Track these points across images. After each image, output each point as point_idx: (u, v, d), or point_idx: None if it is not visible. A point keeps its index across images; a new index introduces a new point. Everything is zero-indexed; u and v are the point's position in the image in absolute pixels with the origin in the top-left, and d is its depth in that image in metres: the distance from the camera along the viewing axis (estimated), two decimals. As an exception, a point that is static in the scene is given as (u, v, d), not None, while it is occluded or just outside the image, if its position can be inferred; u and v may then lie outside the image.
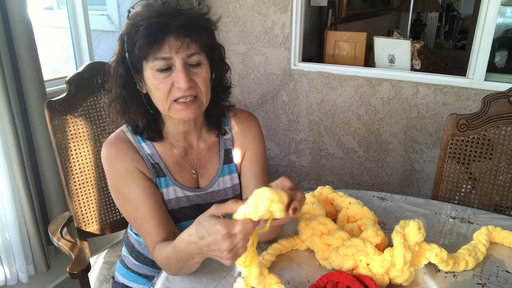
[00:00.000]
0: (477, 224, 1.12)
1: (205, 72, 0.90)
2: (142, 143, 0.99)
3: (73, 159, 1.33)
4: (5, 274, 1.68)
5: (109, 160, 0.96)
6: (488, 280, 0.88)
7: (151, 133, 0.99)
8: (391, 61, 2.18)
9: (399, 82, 2.09)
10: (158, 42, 0.84)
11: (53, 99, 1.28)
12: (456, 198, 1.42)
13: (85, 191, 1.36)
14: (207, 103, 0.94)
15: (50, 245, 1.76)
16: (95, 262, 1.41)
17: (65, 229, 1.35)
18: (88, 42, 1.99)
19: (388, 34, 3.80)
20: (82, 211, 1.36)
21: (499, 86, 1.85)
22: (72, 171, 1.33)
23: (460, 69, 3.10)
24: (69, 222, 1.39)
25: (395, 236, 0.84)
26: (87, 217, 1.38)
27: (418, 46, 2.14)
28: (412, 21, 3.74)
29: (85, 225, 1.38)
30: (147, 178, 0.97)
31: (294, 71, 2.34)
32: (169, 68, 0.86)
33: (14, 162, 1.58)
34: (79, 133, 1.34)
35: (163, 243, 0.90)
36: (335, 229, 0.92)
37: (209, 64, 0.92)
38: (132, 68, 0.90)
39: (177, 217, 1.02)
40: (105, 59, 1.08)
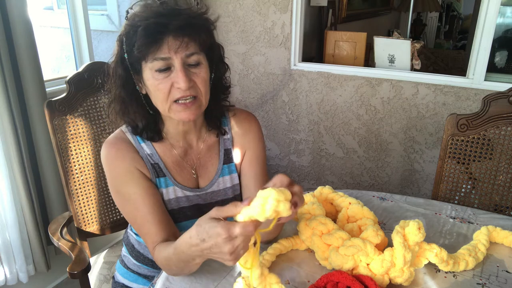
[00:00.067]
0: (477, 224, 1.12)
1: (204, 72, 0.90)
2: (142, 143, 0.99)
3: (73, 159, 1.33)
4: (5, 274, 1.68)
5: (109, 160, 0.96)
6: (488, 280, 0.88)
7: (151, 133, 0.99)
8: (391, 61, 2.18)
9: (399, 82, 2.09)
10: (157, 42, 0.83)
11: (53, 99, 1.28)
12: (456, 198, 1.42)
13: (85, 191, 1.36)
14: (206, 103, 0.94)
15: (50, 245, 1.76)
16: (95, 262, 1.41)
17: (65, 229, 1.35)
18: (88, 42, 1.99)
19: (388, 34, 3.80)
20: (82, 211, 1.37)
21: (499, 86, 1.85)
22: (72, 171, 1.33)
23: (460, 69, 3.10)
24: (69, 222, 1.39)
25: (395, 236, 0.84)
26: (87, 217, 1.38)
27: (418, 46, 2.14)
28: (412, 21, 3.74)
29: (85, 225, 1.38)
30: (147, 178, 0.97)
31: (294, 71, 2.34)
32: (168, 69, 0.86)
33: (14, 162, 1.58)
34: (79, 133, 1.34)
35: (164, 243, 0.90)
36: (335, 229, 0.92)
37: (208, 64, 0.92)
38: (131, 68, 0.90)
39: (177, 217, 1.02)
40: (105, 59, 1.08)
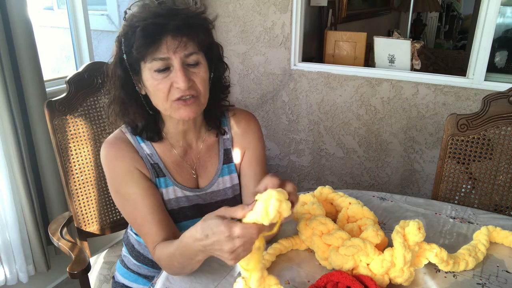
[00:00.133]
0: (477, 224, 1.12)
1: (203, 71, 0.90)
2: (142, 143, 0.99)
3: (73, 159, 1.33)
4: (5, 274, 1.68)
5: (108, 160, 0.96)
6: (488, 280, 0.88)
7: (151, 133, 0.99)
8: (391, 61, 2.18)
9: (399, 82, 2.09)
10: (155, 42, 0.83)
11: (53, 99, 1.28)
12: (456, 198, 1.42)
13: (85, 191, 1.36)
14: (205, 103, 0.94)
15: (50, 245, 1.76)
16: (95, 262, 1.41)
17: (65, 229, 1.35)
18: (88, 42, 1.99)
19: (388, 34, 3.80)
20: (82, 211, 1.37)
21: (499, 86, 1.85)
22: (72, 171, 1.33)
23: (460, 69, 3.10)
24: (69, 222, 1.39)
25: (395, 236, 0.84)
26: (87, 217, 1.38)
27: (418, 46, 2.14)
28: (412, 21, 3.74)
29: (85, 225, 1.38)
30: (146, 178, 0.97)
31: (294, 71, 2.34)
32: (167, 69, 0.86)
33: (14, 162, 1.58)
34: (79, 133, 1.34)
35: (165, 242, 0.90)
36: (335, 229, 0.92)
37: (207, 63, 0.92)
38: (130, 69, 0.90)
39: (177, 217, 1.01)
40: (105, 59, 1.08)
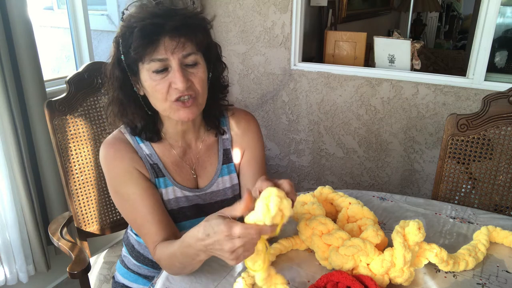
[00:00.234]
0: (477, 224, 1.12)
1: (202, 71, 0.90)
2: (141, 143, 0.99)
3: (73, 159, 1.33)
4: (5, 274, 1.68)
5: (107, 160, 0.96)
6: (488, 280, 0.88)
7: (149, 134, 0.99)
8: (391, 61, 2.18)
9: (399, 82, 2.09)
10: (153, 43, 0.83)
11: (53, 99, 1.28)
12: (456, 198, 1.42)
13: (85, 191, 1.36)
14: (204, 103, 0.94)
15: (50, 245, 1.76)
16: (95, 262, 1.41)
17: (65, 229, 1.35)
18: (88, 42, 1.99)
19: (388, 34, 3.80)
20: (82, 211, 1.36)
21: (499, 86, 1.85)
22: (72, 171, 1.33)
23: (460, 69, 3.10)
24: (69, 222, 1.39)
25: (395, 236, 0.84)
26: (87, 217, 1.38)
27: (418, 46, 2.14)
28: (412, 21, 3.74)
29: (85, 225, 1.38)
30: (146, 179, 0.97)
31: (294, 71, 2.34)
32: (165, 69, 0.86)
33: (14, 162, 1.58)
34: (79, 133, 1.34)
35: (165, 242, 0.90)
36: (335, 229, 0.92)
37: (205, 63, 0.92)
38: (128, 70, 0.90)
39: (176, 217, 1.01)
40: (105, 59, 1.08)
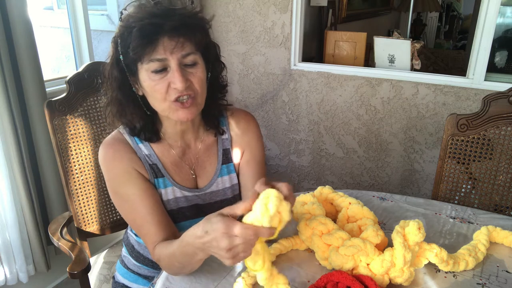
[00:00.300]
0: (477, 224, 1.12)
1: (200, 71, 0.90)
2: (140, 144, 0.99)
3: (73, 159, 1.33)
4: (5, 274, 1.68)
5: (106, 161, 0.96)
6: (488, 280, 0.88)
7: (148, 134, 0.98)
8: (391, 61, 2.18)
9: (399, 82, 2.09)
10: (152, 43, 0.83)
11: (53, 99, 1.28)
12: (456, 198, 1.42)
13: (85, 191, 1.36)
14: (203, 103, 0.93)
15: (50, 245, 1.76)
16: (95, 262, 1.41)
17: (65, 229, 1.35)
18: (88, 42, 1.99)
19: (388, 34, 3.80)
20: (82, 211, 1.36)
21: (499, 86, 1.85)
22: (72, 171, 1.33)
23: (460, 69, 3.10)
24: (69, 222, 1.39)
25: (395, 236, 0.84)
26: (87, 217, 1.38)
27: (418, 46, 2.14)
28: (412, 21, 3.74)
29: (85, 225, 1.38)
30: (145, 179, 0.97)
31: (294, 71, 2.34)
32: (164, 69, 0.86)
33: (14, 162, 1.58)
34: (79, 133, 1.34)
35: (165, 242, 0.90)
36: (335, 229, 0.92)
37: (204, 63, 0.92)
38: (127, 70, 0.90)
39: (176, 217, 1.01)
40: (105, 59, 1.07)
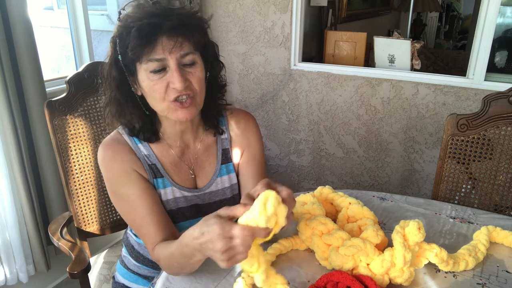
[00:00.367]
0: (477, 224, 1.12)
1: (199, 71, 0.90)
2: (139, 144, 0.99)
3: (73, 159, 1.33)
4: (5, 274, 1.68)
5: (105, 161, 0.96)
6: (488, 280, 0.88)
7: (148, 134, 0.98)
8: (391, 61, 2.18)
9: (399, 82, 2.09)
10: (151, 43, 0.83)
11: (53, 99, 1.28)
12: (456, 198, 1.42)
13: (85, 191, 1.36)
14: (202, 102, 0.94)
15: (50, 245, 1.76)
16: (95, 262, 1.41)
17: (65, 229, 1.35)
18: (88, 42, 1.99)
19: (388, 34, 3.80)
20: (82, 211, 1.36)
21: (499, 86, 1.84)
22: (72, 171, 1.33)
23: (460, 69, 3.10)
24: (69, 222, 1.39)
25: (395, 236, 0.84)
26: (87, 217, 1.38)
27: (418, 46, 2.14)
28: (412, 21, 3.74)
29: (85, 225, 1.38)
30: (144, 180, 0.97)
31: (294, 71, 2.34)
32: (163, 69, 0.86)
33: (14, 162, 1.58)
34: (79, 133, 1.34)
35: (164, 242, 0.90)
36: (335, 229, 0.92)
37: (203, 62, 0.92)
38: (126, 70, 0.90)
39: (175, 217, 1.01)
40: (104, 59, 1.08)
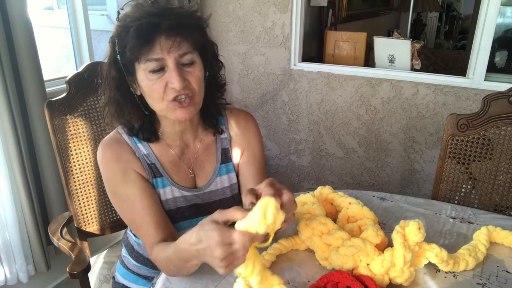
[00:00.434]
0: (477, 224, 1.12)
1: (198, 71, 0.89)
2: (138, 143, 0.99)
3: (73, 159, 1.33)
4: (5, 274, 1.68)
5: (104, 161, 0.96)
6: (488, 280, 0.88)
7: (147, 134, 0.98)
8: (391, 61, 2.18)
9: (399, 82, 2.09)
10: (149, 43, 0.83)
11: (53, 99, 1.28)
12: (456, 198, 1.42)
13: (85, 191, 1.36)
14: (201, 102, 0.93)
15: (50, 245, 1.76)
16: (95, 262, 1.41)
17: (65, 229, 1.35)
18: (88, 42, 1.99)
19: (388, 34, 3.80)
20: (82, 211, 1.36)
21: (499, 86, 1.84)
22: (72, 171, 1.33)
23: (460, 69, 3.10)
24: (69, 222, 1.39)
25: (395, 236, 0.84)
26: (87, 217, 1.38)
27: (418, 46, 2.14)
28: (412, 21, 3.74)
29: (85, 225, 1.38)
30: (143, 179, 0.97)
31: (294, 71, 2.34)
32: (161, 69, 0.86)
33: (14, 162, 1.58)
34: (79, 133, 1.34)
35: (163, 243, 0.89)
36: (335, 229, 0.92)
37: (202, 62, 0.92)
38: (125, 70, 0.90)
39: (174, 217, 1.01)
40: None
